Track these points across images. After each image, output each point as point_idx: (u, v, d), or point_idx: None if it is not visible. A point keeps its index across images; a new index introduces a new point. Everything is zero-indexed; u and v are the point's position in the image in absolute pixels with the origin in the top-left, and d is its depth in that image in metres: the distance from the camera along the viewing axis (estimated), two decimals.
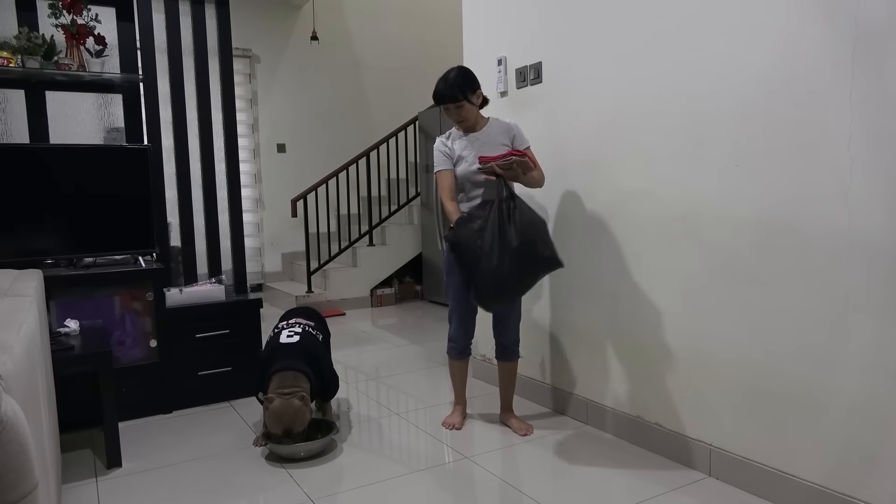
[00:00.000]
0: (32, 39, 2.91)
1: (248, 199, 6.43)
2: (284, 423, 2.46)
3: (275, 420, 2.46)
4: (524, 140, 2.71)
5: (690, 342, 2.36)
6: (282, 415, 2.45)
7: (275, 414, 2.45)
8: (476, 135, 2.68)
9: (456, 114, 2.61)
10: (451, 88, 2.56)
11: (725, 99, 2.16)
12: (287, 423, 2.46)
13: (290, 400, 2.46)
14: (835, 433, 1.93)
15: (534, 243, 2.42)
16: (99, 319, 2.91)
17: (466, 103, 2.59)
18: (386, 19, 7.15)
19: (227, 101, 3.55)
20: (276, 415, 2.45)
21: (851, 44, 1.80)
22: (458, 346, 2.80)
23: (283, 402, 2.45)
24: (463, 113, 2.61)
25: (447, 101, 2.58)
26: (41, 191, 2.88)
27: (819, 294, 1.94)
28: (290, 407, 2.45)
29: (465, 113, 2.61)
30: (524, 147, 2.69)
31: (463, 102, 2.58)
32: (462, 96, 2.57)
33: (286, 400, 2.46)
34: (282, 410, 2.45)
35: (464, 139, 2.68)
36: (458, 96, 2.57)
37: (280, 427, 2.46)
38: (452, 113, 2.62)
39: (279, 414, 2.45)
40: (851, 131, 1.82)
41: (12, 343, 1.18)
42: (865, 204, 1.81)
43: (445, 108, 2.62)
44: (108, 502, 2.24)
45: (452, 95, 2.57)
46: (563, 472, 2.40)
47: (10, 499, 0.89)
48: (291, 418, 2.46)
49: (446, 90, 2.57)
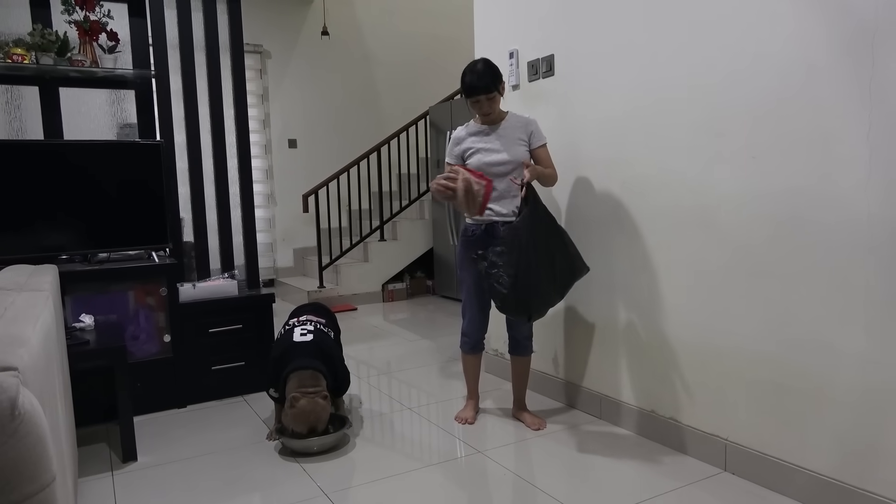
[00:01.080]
0: (46, 36, 2.93)
1: (260, 194, 6.45)
2: (311, 422, 2.49)
3: (302, 419, 2.48)
4: (541, 137, 2.69)
5: (705, 336, 2.34)
6: (310, 413, 2.47)
7: (303, 413, 2.47)
8: (494, 128, 2.66)
9: (487, 106, 2.59)
10: (484, 80, 2.54)
11: (742, 89, 2.13)
12: (314, 422, 2.49)
13: (315, 399, 2.49)
14: (850, 428, 1.91)
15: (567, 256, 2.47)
16: (113, 314, 2.93)
17: (497, 95, 2.58)
18: (397, 14, 7.14)
19: (239, 96, 3.56)
20: (305, 413, 2.47)
21: (871, 32, 1.77)
22: (470, 341, 2.79)
23: (309, 400, 2.47)
24: (494, 105, 2.60)
25: (481, 92, 2.55)
26: (55, 186, 2.90)
27: (837, 287, 1.91)
28: (316, 406, 2.48)
29: (495, 104, 2.60)
30: (540, 144, 2.67)
31: (495, 94, 2.57)
32: (494, 88, 2.56)
33: (312, 399, 2.48)
34: (310, 409, 2.47)
35: (482, 132, 2.67)
36: (491, 88, 2.55)
37: (306, 425, 2.49)
38: (483, 105, 2.59)
39: (307, 413, 2.47)
40: (871, 121, 1.79)
41: (29, 336, 1.18)
42: (885, 195, 1.78)
43: (476, 100, 2.59)
44: (123, 495, 2.26)
45: (486, 87, 2.54)
46: (577, 466, 2.39)
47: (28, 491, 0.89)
48: (318, 416, 2.49)
49: (480, 82, 2.54)
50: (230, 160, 3.55)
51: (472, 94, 2.58)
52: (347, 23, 6.89)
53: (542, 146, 2.68)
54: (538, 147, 2.67)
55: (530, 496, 2.18)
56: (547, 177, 2.66)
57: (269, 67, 6.56)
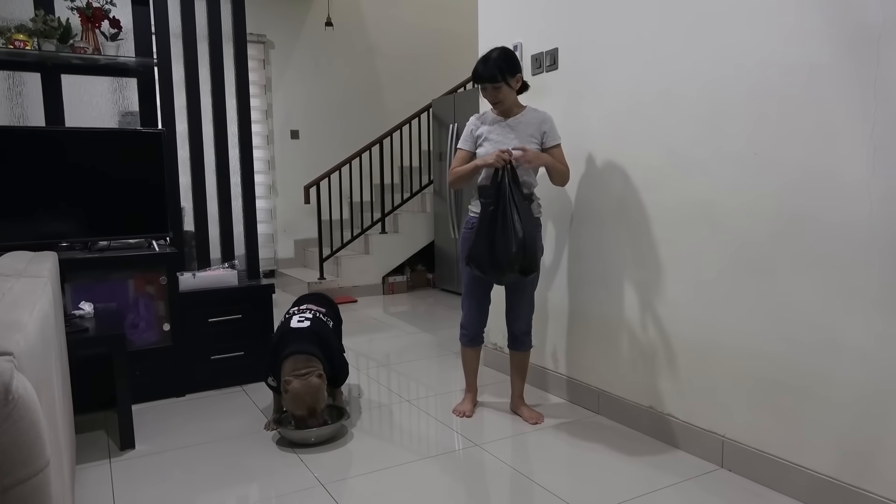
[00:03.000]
0: (48, 22, 2.92)
1: (262, 185, 6.44)
2: (308, 402, 2.46)
3: (298, 401, 2.45)
4: (556, 137, 2.66)
5: (704, 332, 2.34)
6: (305, 394, 2.45)
7: (297, 395, 2.44)
8: (508, 121, 2.65)
9: (493, 95, 2.58)
10: (491, 69, 2.54)
11: (746, 86, 2.12)
12: (311, 402, 2.46)
13: (309, 379, 2.46)
14: (848, 426, 1.90)
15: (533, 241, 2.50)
16: (113, 302, 2.93)
17: (504, 85, 2.57)
18: (401, 6, 7.11)
19: (242, 86, 3.55)
20: (299, 395, 2.44)
21: (877, 30, 1.76)
22: (469, 334, 2.79)
23: (302, 381, 2.45)
24: (500, 95, 2.58)
25: (485, 80, 2.56)
26: (56, 174, 2.90)
27: (837, 285, 1.90)
28: (310, 386, 2.45)
29: (501, 95, 2.58)
30: (554, 144, 2.65)
31: (501, 84, 2.56)
32: (501, 78, 2.54)
33: (305, 380, 2.46)
34: (304, 390, 2.45)
35: (495, 123, 2.67)
36: (497, 77, 2.54)
37: (304, 407, 2.46)
38: (489, 93, 2.59)
39: (302, 394, 2.44)
40: (875, 119, 1.78)
41: (26, 322, 1.18)
42: (888, 194, 1.77)
43: (483, 87, 2.59)
44: (121, 483, 2.26)
45: (492, 76, 2.54)
46: (574, 460, 2.39)
47: (21, 476, 0.89)
48: (314, 396, 2.47)
49: (486, 70, 2.55)
50: (232, 150, 3.54)
51: (476, 80, 2.60)
52: (352, 14, 6.87)
53: (555, 146, 2.65)
54: (552, 147, 2.64)
55: (527, 490, 2.18)
56: (557, 171, 2.64)
57: (272, 58, 6.55)
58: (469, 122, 2.74)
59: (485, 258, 2.49)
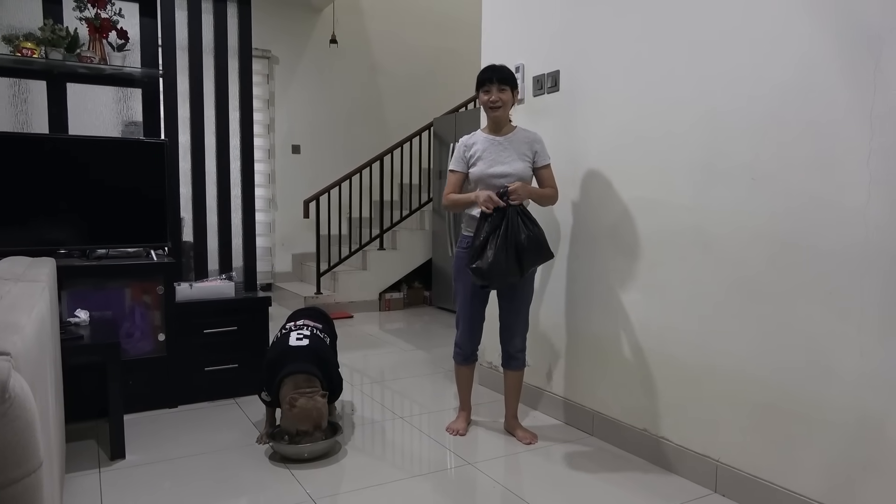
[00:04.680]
0: (56, 31, 2.95)
1: (262, 198, 6.46)
2: (315, 418, 2.50)
3: (304, 417, 2.48)
4: (546, 156, 2.70)
5: (699, 356, 2.34)
6: (311, 410, 2.48)
7: (304, 411, 2.48)
8: (499, 139, 2.67)
9: (497, 95, 2.61)
10: (502, 71, 2.63)
11: (744, 112, 2.15)
12: (316, 418, 2.50)
13: (314, 397, 2.50)
14: (839, 450, 1.90)
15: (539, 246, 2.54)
16: (109, 311, 2.93)
17: (509, 91, 2.63)
18: (405, 25, 7.19)
19: (245, 100, 3.58)
20: (306, 411, 2.48)
21: (874, 60, 1.79)
22: (463, 352, 2.79)
23: (308, 398, 2.49)
24: (503, 98, 2.62)
25: (498, 78, 2.60)
26: (58, 180, 2.90)
27: (833, 311, 1.91)
28: (317, 403, 2.50)
29: (504, 99, 2.62)
30: (544, 164, 2.68)
31: (507, 88, 2.62)
32: (508, 83, 2.62)
33: (310, 397, 2.50)
34: (311, 406, 2.49)
35: (486, 141, 2.69)
36: (509, 78, 2.62)
37: (310, 422, 2.50)
38: (494, 94, 2.61)
39: (308, 410, 2.48)
40: (871, 147, 1.80)
41: (24, 324, 1.18)
42: (885, 221, 1.78)
43: (487, 88, 2.62)
44: (110, 493, 2.24)
45: (503, 78, 2.61)
46: (566, 482, 2.38)
47: (14, 475, 0.89)
48: (320, 412, 2.51)
49: (497, 73, 2.62)
50: (233, 163, 3.56)
51: (486, 74, 2.63)
52: (356, 32, 6.94)
53: (545, 166, 2.68)
54: (542, 167, 2.68)
55: None
56: (546, 197, 2.68)
57: (276, 73, 6.60)
58: (459, 143, 2.75)
59: (490, 260, 2.50)
